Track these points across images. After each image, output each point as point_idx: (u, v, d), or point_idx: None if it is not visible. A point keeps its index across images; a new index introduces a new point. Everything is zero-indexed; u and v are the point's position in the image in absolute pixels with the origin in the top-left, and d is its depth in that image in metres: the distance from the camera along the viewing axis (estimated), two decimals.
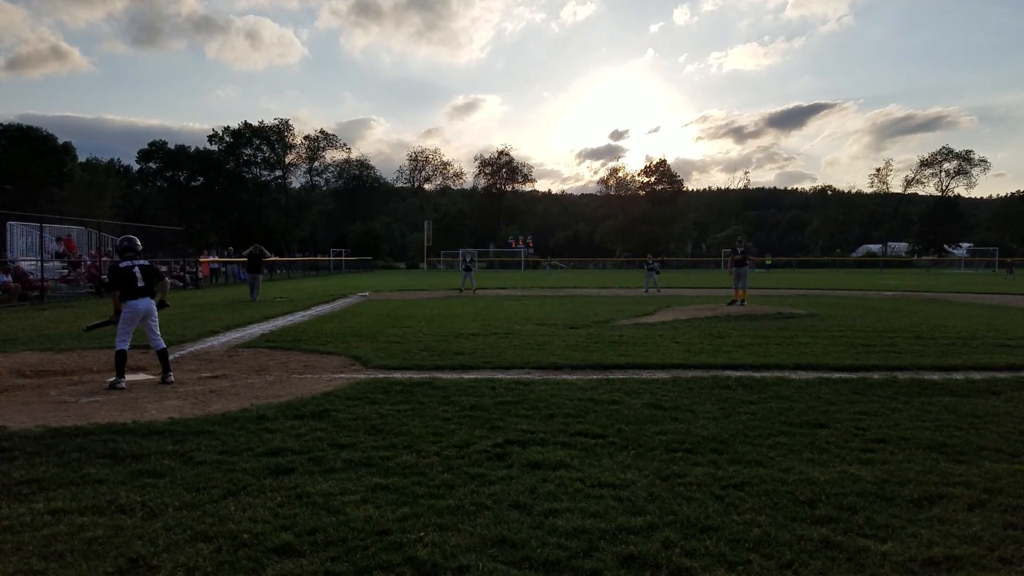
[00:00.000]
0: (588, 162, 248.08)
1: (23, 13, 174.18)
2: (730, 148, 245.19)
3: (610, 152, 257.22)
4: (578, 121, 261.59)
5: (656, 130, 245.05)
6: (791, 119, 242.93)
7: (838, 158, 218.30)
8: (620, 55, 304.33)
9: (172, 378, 7.04)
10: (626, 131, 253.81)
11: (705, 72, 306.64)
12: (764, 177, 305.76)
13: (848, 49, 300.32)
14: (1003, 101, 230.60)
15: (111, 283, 7.27)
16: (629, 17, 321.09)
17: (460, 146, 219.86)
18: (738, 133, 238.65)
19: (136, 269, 7.06)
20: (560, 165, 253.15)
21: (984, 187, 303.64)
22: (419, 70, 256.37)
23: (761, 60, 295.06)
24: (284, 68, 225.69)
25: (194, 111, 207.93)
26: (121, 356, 6.81)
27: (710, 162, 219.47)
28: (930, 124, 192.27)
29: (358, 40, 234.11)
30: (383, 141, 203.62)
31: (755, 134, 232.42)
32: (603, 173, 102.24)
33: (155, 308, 7.22)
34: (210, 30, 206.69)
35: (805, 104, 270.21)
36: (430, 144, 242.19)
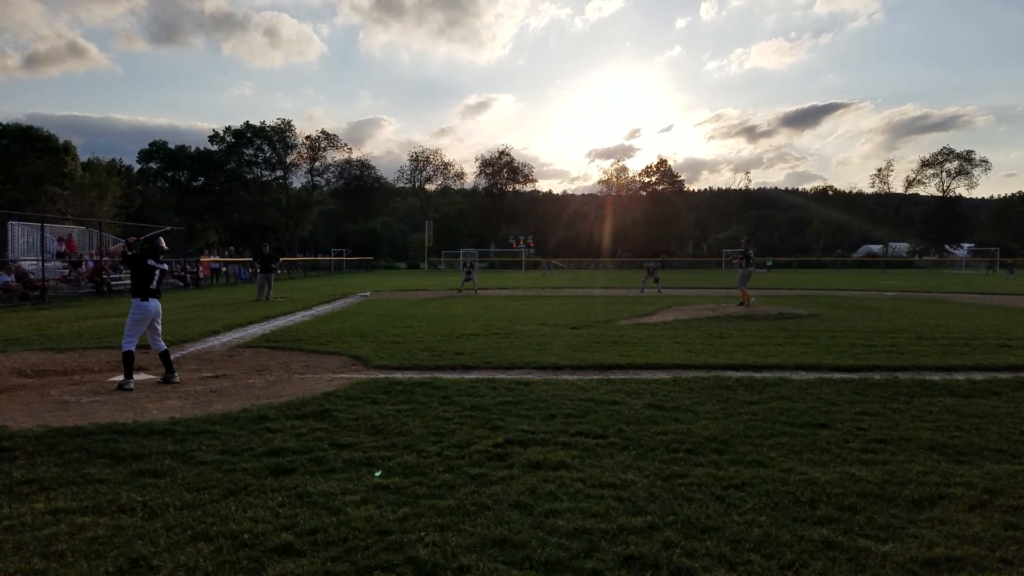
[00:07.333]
0: (598, 162, 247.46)
1: (40, 8, 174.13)
2: (742, 147, 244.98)
3: (622, 152, 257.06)
4: (591, 120, 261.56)
5: (668, 128, 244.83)
6: (805, 118, 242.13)
7: (849, 158, 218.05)
8: (643, 52, 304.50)
9: (177, 378, 7.05)
10: (638, 130, 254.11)
11: (725, 69, 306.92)
12: (774, 177, 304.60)
13: (874, 46, 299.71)
14: (1021, 100, 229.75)
15: (127, 260, 7.20)
16: (655, 12, 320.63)
17: (471, 145, 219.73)
18: (751, 132, 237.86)
19: (157, 272, 7.09)
20: (569, 165, 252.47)
21: (994, 186, 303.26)
22: (438, 68, 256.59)
23: (784, 57, 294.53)
24: (302, 65, 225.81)
25: (205, 110, 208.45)
26: (129, 357, 6.81)
27: (721, 161, 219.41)
28: (946, 123, 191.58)
29: (378, 37, 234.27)
30: (392, 141, 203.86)
31: (767, 133, 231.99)
32: (611, 172, 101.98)
33: (161, 309, 7.25)
34: (229, 27, 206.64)
35: (821, 103, 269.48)
36: (442, 143, 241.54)
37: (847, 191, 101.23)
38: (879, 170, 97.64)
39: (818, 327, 12.03)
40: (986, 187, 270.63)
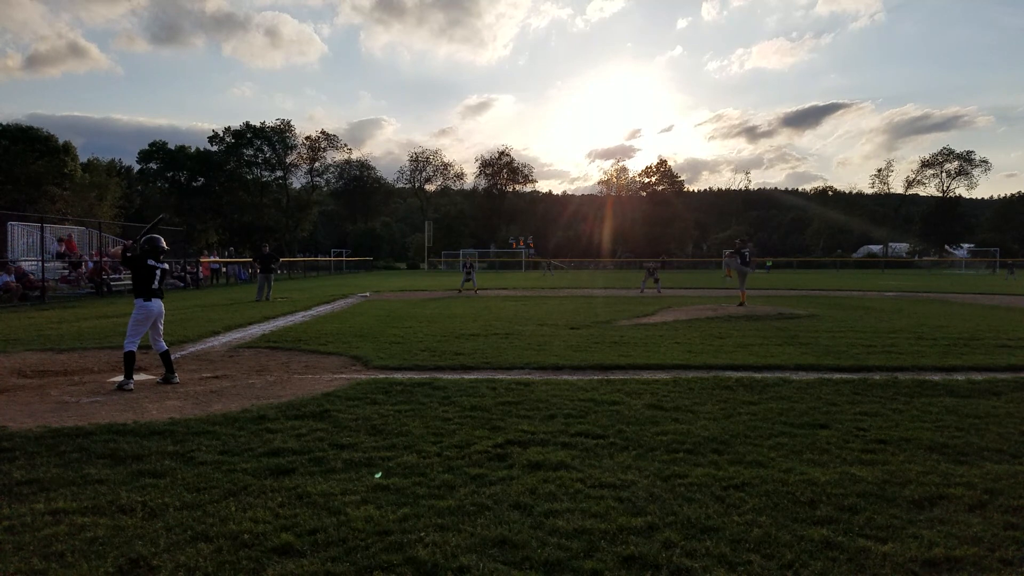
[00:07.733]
0: (598, 162, 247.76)
1: (41, 9, 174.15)
2: (742, 148, 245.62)
3: (622, 152, 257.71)
4: (591, 120, 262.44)
5: (669, 129, 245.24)
6: (806, 118, 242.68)
7: (849, 158, 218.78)
8: (644, 52, 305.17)
9: (177, 378, 7.05)
10: (639, 130, 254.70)
11: (726, 70, 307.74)
12: (775, 177, 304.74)
13: (875, 47, 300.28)
14: (1021, 100, 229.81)
15: (128, 262, 7.16)
16: (656, 13, 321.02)
17: (471, 145, 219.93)
18: (751, 133, 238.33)
19: (158, 272, 7.08)
20: (570, 165, 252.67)
21: (994, 187, 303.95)
22: (438, 68, 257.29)
23: (786, 57, 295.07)
24: (302, 66, 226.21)
25: (206, 110, 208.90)
26: (130, 357, 6.80)
27: (721, 161, 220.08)
28: (946, 123, 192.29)
29: (379, 37, 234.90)
30: (392, 141, 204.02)
31: (768, 134, 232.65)
32: (611, 173, 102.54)
33: (164, 310, 7.24)
34: (230, 27, 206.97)
35: (822, 103, 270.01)
36: (442, 144, 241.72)
37: (847, 191, 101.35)
38: (879, 170, 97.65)
39: (818, 327, 12.04)
40: (986, 187, 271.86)
